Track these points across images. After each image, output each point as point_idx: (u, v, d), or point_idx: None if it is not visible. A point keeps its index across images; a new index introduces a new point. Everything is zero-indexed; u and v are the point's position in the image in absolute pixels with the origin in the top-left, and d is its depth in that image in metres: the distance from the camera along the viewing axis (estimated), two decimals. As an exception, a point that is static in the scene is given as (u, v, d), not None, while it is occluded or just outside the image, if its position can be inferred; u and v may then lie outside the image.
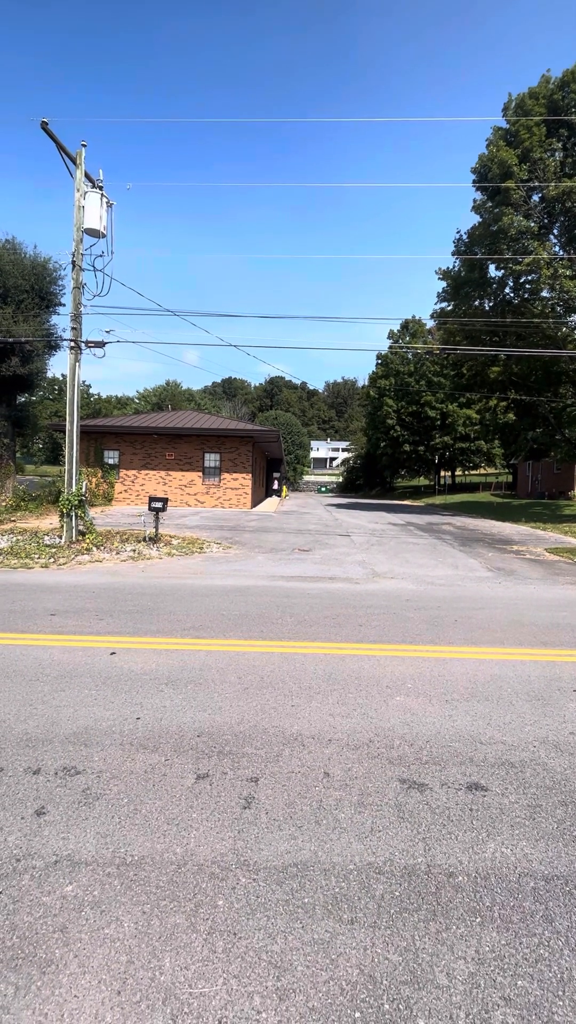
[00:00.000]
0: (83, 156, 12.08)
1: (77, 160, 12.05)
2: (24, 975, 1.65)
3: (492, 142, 21.24)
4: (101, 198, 12.08)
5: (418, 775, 2.85)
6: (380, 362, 54.18)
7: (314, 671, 4.33)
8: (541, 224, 20.60)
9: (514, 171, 19.58)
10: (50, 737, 3.16)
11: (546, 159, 19.45)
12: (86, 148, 12.16)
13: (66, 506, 11.67)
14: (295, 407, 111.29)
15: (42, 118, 11.20)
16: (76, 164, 12.06)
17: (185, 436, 24.42)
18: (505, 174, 19.81)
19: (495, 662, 4.70)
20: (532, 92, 20.28)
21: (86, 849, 2.22)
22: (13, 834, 2.30)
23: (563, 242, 20.68)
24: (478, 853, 2.26)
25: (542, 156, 19.42)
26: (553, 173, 19.44)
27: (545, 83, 20.35)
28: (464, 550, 12.76)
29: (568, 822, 2.49)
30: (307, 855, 2.22)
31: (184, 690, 3.89)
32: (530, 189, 20.05)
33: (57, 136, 11.62)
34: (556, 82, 20.09)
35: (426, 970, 1.71)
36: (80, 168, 12.06)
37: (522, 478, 41.13)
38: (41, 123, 11.23)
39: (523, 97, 20.44)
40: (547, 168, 19.41)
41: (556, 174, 19.51)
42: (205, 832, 2.35)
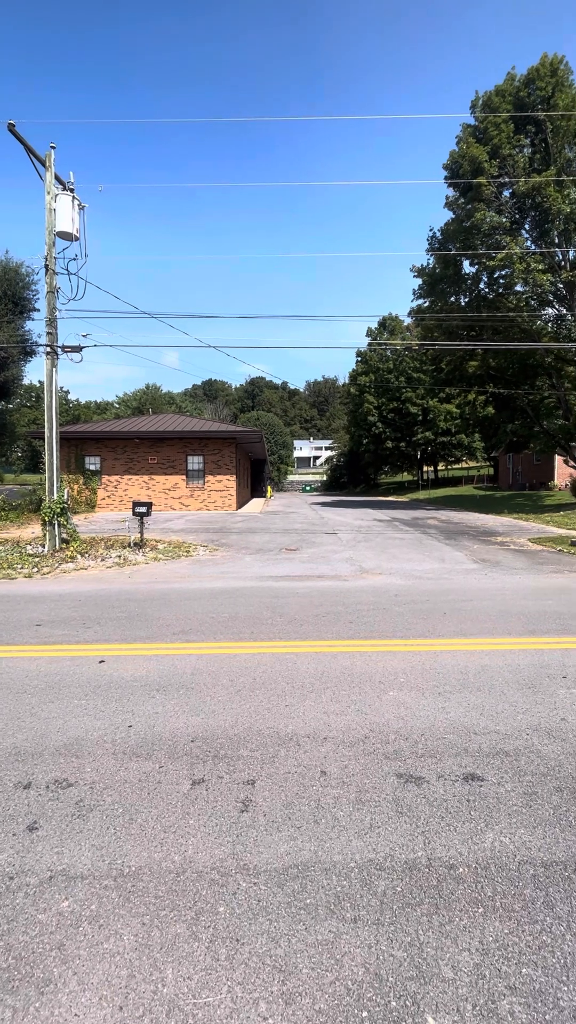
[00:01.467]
0: (52, 158, 11.89)
1: (46, 162, 11.86)
2: (22, 996, 1.60)
3: (462, 139, 21.49)
4: (72, 200, 11.90)
5: (414, 769, 2.85)
6: (360, 359, 54.44)
7: (306, 670, 4.32)
8: (513, 219, 20.89)
9: (484, 167, 19.82)
10: (40, 750, 3.09)
11: (515, 155, 19.73)
12: (55, 150, 11.98)
13: (48, 514, 11.48)
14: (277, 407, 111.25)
15: (9, 120, 10.99)
16: (46, 166, 11.87)
17: (167, 439, 24.23)
18: (476, 170, 20.05)
19: (485, 652, 4.74)
20: (499, 89, 20.56)
21: (81, 863, 2.17)
22: (5, 851, 2.23)
23: (535, 236, 21.00)
24: (477, 844, 2.27)
25: (511, 152, 19.70)
26: (522, 169, 19.74)
27: (511, 80, 20.65)
28: (450, 543, 12.88)
29: (564, 808, 2.51)
30: (307, 855, 2.20)
31: (176, 695, 3.84)
32: (501, 185, 20.34)
33: (25, 138, 11.43)
34: (521, 79, 20.39)
35: (431, 964, 1.70)
36: (50, 170, 11.87)
37: (503, 470, 41.72)
38: (8, 125, 11.02)
39: (490, 95, 20.72)
40: (516, 164, 19.70)
41: (525, 170, 19.81)
42: (203, 838, 2.31)
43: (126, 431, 24.10)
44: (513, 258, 19.20)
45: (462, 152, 20.79)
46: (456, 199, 21.98)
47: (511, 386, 23.61)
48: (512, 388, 23.52)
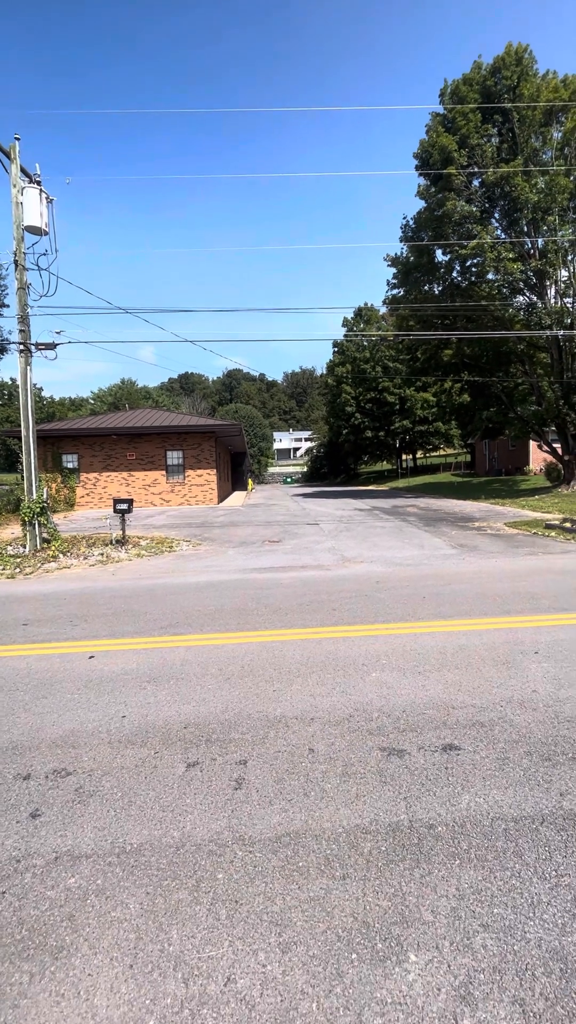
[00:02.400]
0: (17, 150, 11.63)
1: (11, 154, 11.60)
2: (37, 963, 1.73)
3: (432, 128, 21.59)
4: (40, 193, 11.69)
5: (397, 742, 3.03)
6: (337, 350, 54.56)
7: (292, 656, 4.48)
8: (483, 208, 21.14)
9: (454, 157, 19.98)
10: (36, 743, 3.18)
11: (483, 145, 19.94)
12: (19, 141, 11.71)
13: (28, 514, 11.38)
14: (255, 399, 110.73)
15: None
16: (10, 158, 11.61)
17: (146, 435, 24.04)
18: (446, 160, 20.21)
19: (463, 633, 4.97)
20: (466, 78, 20.69)
21: (85, 843, 2.29)
22: (10, 838, 2.34)
23: (504, 225, 21.31)
24: (455, 805, 2.46)
25: (479, 142, 19.89)
26: (491, 158, 19.96)
27: (477, 69, 20.79)
28: (429, 530, 13.18)
29: (532, 769, 2.72)
30: (298, 825, 2.36)
31: (167, 686, 3.96)
32: (471, 174, 20.54)
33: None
34: (488, 68, 20.55)
35: (413, 910, 1.88)
36: (15, 162, 11.62)
37: (480, 457, 42.46)
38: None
39: (458, 83, 20.84)
40: (485, 154, 19.91)
41: (494, 159, 20.03)
42: (200, 815, 2.45)
43: (103, 428, 23.83)
44: (484, 247, 19.47)
45: (432, 141, 20.91)
46: (427, 188, 22.12)
47: (486, 374, 24.02)
48: (487, 376, 23.94)
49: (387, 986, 1.61)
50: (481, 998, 1.56)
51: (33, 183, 11.66)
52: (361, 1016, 1.52)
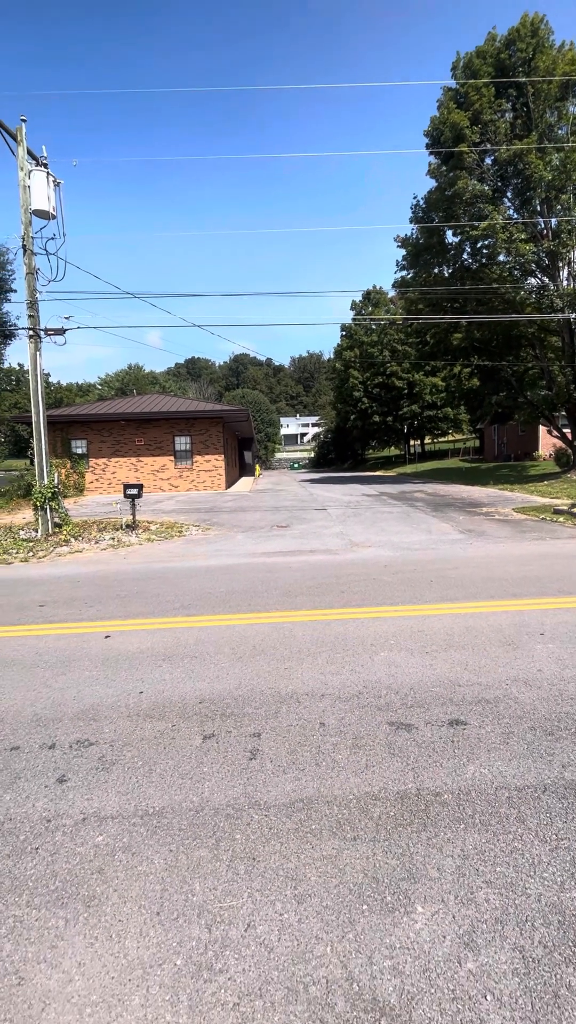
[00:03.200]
0: (24, 132, 11.55)
1: (18, 136, 11.52)
2: (71, 910, 1.87)
3: (443, 104, 21.05)
4: (47, 176, 11.62)
5: (405, 717, 3.15)
6: (345, 334, 53.97)
7: (302, 637, 4.59)
8: (495, 187, 20.70)
9: (466, 134, 19.51)
10: (59, 716, 3.33)
11: (496, 121, 19.44)
12: (26, 123, 11.62)
13: (40, 499, 11.55)
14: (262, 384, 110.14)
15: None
16: (17, 141, 11.54)
17: (154, 420, 24.10)
18: (457, 137, 19.74)
19: (470, 615, 5.06)
20: (479, 51, 20.10)
21: (110, 806, 2.43)
22: (40, 800, 2.49)
23: (517, 205, 20.87)
24: (460, 775, 2.57)
25: (492, 118, 19.39)
26: (504, 135, 19.48)
27: (492, 41, 20.17)
28: (436, 515, 13.21)
29: (536, 743, 2.82)
30: (311, 792, 2.49)
31: (182, 664, 4.09)
32: (483, 152, 20.07)
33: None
34: (502, 40, 19.93)
35: (420, 868, 2.00)
36: (21, 145, 11.54)
37: (489, 442, 42.12)
38: (-24, 98, 10.65)
39: (471, 56, 20.25)
40: (498, 130, 19.42)
41: (507, 136, 19.55)
42: (217, 782, 2.58)
43: (112, 413, 23.91)
44: (496, 228, 19.10)
45: (443, 118, 20.40)
46: (438, 167, 21.66)
47: (495, 358, 23.75)
48: (496, 360, 23.67)
49: (396, 933, 1.73)
50: (484, 944, 1.68)
51: (40, 166, 11.59)
52: (372, 959, 1.65)
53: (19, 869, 2.07)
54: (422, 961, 1.63)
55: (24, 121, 11.57)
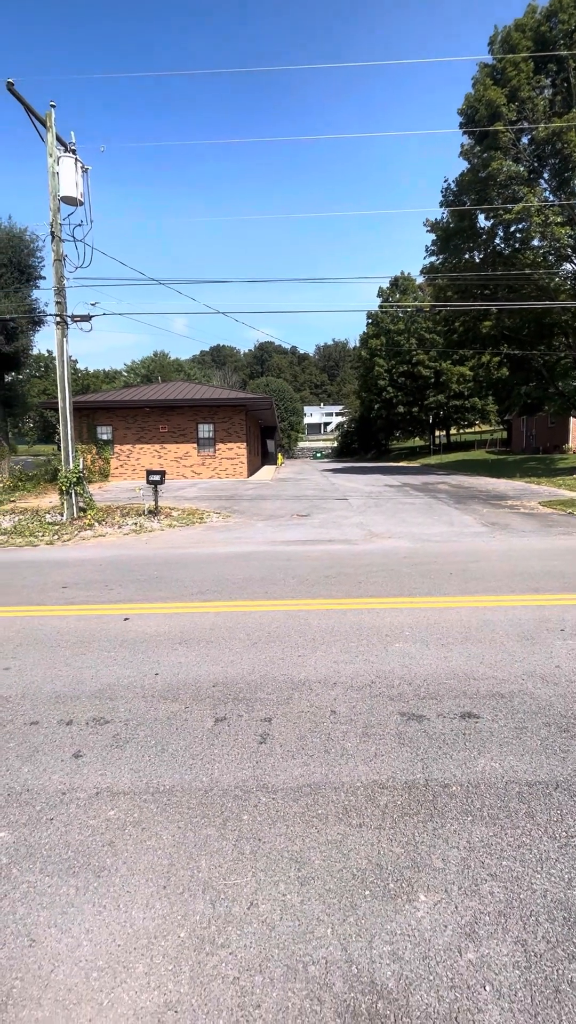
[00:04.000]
0: (53, 118, 11.61)
1: (47, 123, 11.59)
2: (82, 879, 1.94)
3: (478, 80, 20.30)
4: (75, 163, 11.69)
5: (416, 709, 3.13)
6: (371, 321, 53.08)
7: (317, 625, 4.60)
8: (531, 168, 19.93)
9: (502, 112, 18.81)
10: (77, 694, 3.42)
11: (535, 98, 18.66)
12: (55, 109, 11.67)
13: (65, 484, 11.80)
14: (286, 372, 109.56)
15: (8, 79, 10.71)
16: (47, 127, 11.61)
17: (178, 408, 24.26)
18: (493, 115, 19.04)
19: (488, 608, 4.98)
20: (518, 24, 19.25)
21: (122, 782, 2.50)
22: (56, 773, 2.57)
23: (554, 187, 20.07)
24: (470, 768, 2.55)
25: (530, 95, 18.62)
26: (543, 113, 18.69)
27: (531, 13, 19.29)
28: (459, 507, 13.00)
29: (551, 740, 2.78)
30: (319, 778, 2.50)
31: (197, 648, 4.15)
32: (519, 131, 19.32)
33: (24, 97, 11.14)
34: (543, 12, 19.04)
35: (424, 858, 2.00)
36: (51, 131, 11.61)
37: (517, 434, 41.09)
38: (7, 84, 10.74)
39: (509, 30, 19.42)
40: (536, 107, 18.65)
41: (545, 114, 18.76)
42: (227, 764, 2.63)
43: (137, 400, 24.16)
44: (530, 211, 18.43)
45: (478, 95, 19.68)
46: (471, 147, 20.95)
47: (526, 346, 23.04)
48: (527, 349, 22.97)
49: (397, 920, 1.74)
50: (485, 936, 1.68)
51: (68, 152, 11.65)
52: (372, 943, 1.66)
53: (34, 838, 2.14)
54: (422, 948, 1.64)
55: (53, 107, 11.62)
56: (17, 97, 11.05)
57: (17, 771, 2.60)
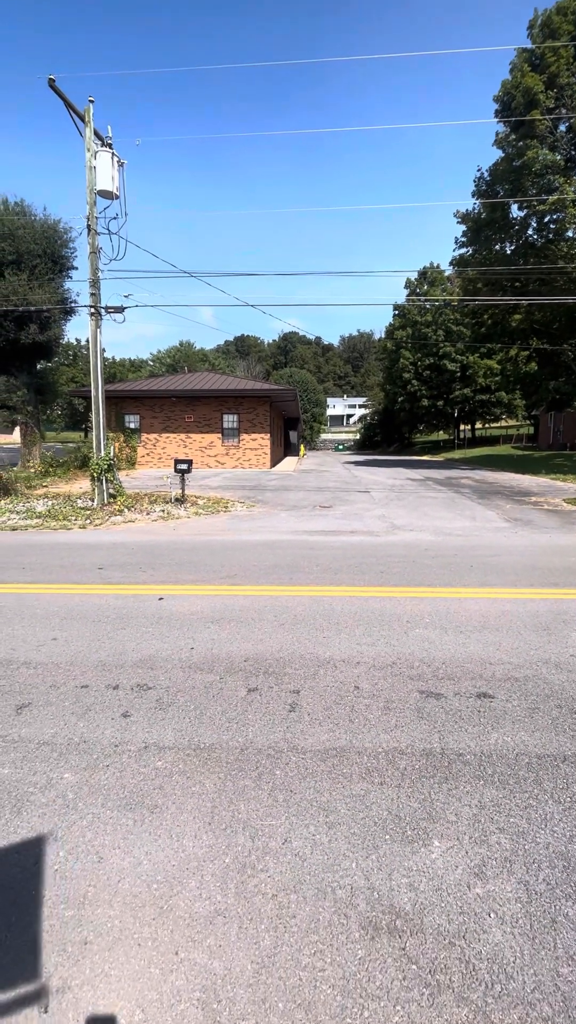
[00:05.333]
0: (91, 113, 11.89)
1: (86, 117, 11.87)
2: (138, 814, 2.23)
3: (516, 66, 19.83)
4: (112, 157, 11.95)
5: (435, 688, 3.35)
6: (397, 313, 52.48)
7: (341, 610, 4.84)
8: (568, 157, 19.46)
9: (539, 99, 18.37)
10: (120, 663, 3.74)
11: (574, 84, 18.16)
12: (94, 104, 11.94)
13: (97, 470, 12.23)
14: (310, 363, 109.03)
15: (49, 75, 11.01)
16: (85, 122, 11.89)
17: (203, 398, 24.60)
18: (530, 103, 18.62)
19: (507, 600, 5.14)
20: (559, 7, 18.71)
21: (167, 739, 2.79)
22: (108, 729, 2.88)
23: (591, 176, 19.54)
24: (484, 740, 2.77)
25: (570, 81, 18.15)
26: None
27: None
28: (482, 502, 13.02)
29: (561, 719, 2.97)
30: (344, 743, 2.75)
31: (228, 627, 4.44)
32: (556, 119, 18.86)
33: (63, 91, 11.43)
34: (587, -7, 18.44)
35: (439, 811, 2.23)
36: (89, 126, 11.89)
37: (544, 429, 40.34)
38: (48, 80, 11.06)
39: (549, 13, 18.88)
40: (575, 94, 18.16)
41: (585, 100, 18.25)
42: (259, 728, 2.90)
43: (163, 390, 24.58)
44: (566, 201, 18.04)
45: (515, 82, 19.26)
46: (506, 136, 20.53)
47: (557, 340, 22.62)
48: (557, 343, 22.55)
49: (414, 859, 1.98)
50: (492, 876, 1.91)
51: (105, 146, 11.92)
52: (391, 876, 1.91)
53: (94, 780, 2.45)
54: (435, 882, 1.88)
55: (92, 102, 11.89)
56: (58, 93, 11.35)
57: (74, 726, 2.91)
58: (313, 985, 1.53)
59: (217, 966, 1.59)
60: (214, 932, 1.70)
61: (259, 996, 1.50)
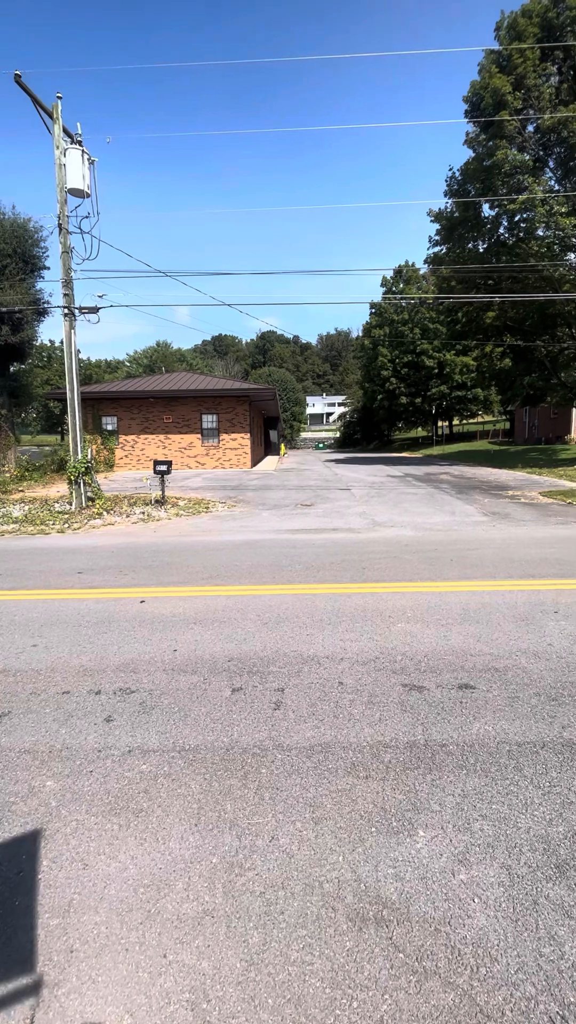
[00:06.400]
0: (60, 110, 11.68)
1: (54, 114, 11.66)
2: (123, 818, 2.21)
3: (484, 67, 20.13)
4: (82, 155, 11.76)
5: (417, 680, 3.39)
6: (374, 311, 52.93)
7: (324, 607, 4.86)
8: (536, 157, 19.83)
9: (507, 100, 18.69)
10: (102, 668, 3.69)
11: (540, 86, 18.54)
12: (62, 100, 11.74)
13: (74, 473, 12.04)
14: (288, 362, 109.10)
15: (15, 70, 10.78)
16: (53, 119, 11.68)
17: (181, 398, 24.41)
18: (498, 104, 18.92)
19: (486, 592, 5.23)
20: (525, 10, 19.06)
21: (151, 742, 2.77)
22: (91, 735, 2.84)
23: (559, 176, 20.00)
24: (466, 731, 2.81)
25: (536, 82, 18.50)
26: (548, 101, 18.58)
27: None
28: (461, 497, 13.22)
29: (540, 707, 3.04)
30: (328, 738, 2.77)
31: (211, 627, 4.42)
32: (525, 120, 19.21)
33: (30, 87, 11.21)
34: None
35: (423, 802, 2.26)
36: (57, 123, 11.69)
37: (519, 424, 41.13)
38: (15, 76, 10.82)
39: (515, 16, 19.23)
40: (542, 96, 18.54)
41: (551, 102, 18.64)
42: (244, 727, 2.89)
43: (141, 391, 24.31)
44: (535, 200, 18.39)
45: (484, 83, 19.55)
46: (476, 136, 20.84)
47: (529, 337, 23.09)
48: (530, 339, 23.01)
49: (399, 850, 2.01)
50: (475, 862, 1.94)
51: (75, 144, 11.74)
52: (378, 867, 1.93)
53: (78, 786, 2.42)
54: (420, 871, 1.91)
55: (60, 98, 11.69)
56: (24, 89, 11.13)
57: (56, 732, 2.87)
58: (302, 979, 1.54)
59: (206, 966, 1.59)
60: (202, 932, 1.69)
61: (248, 994, 1.50)
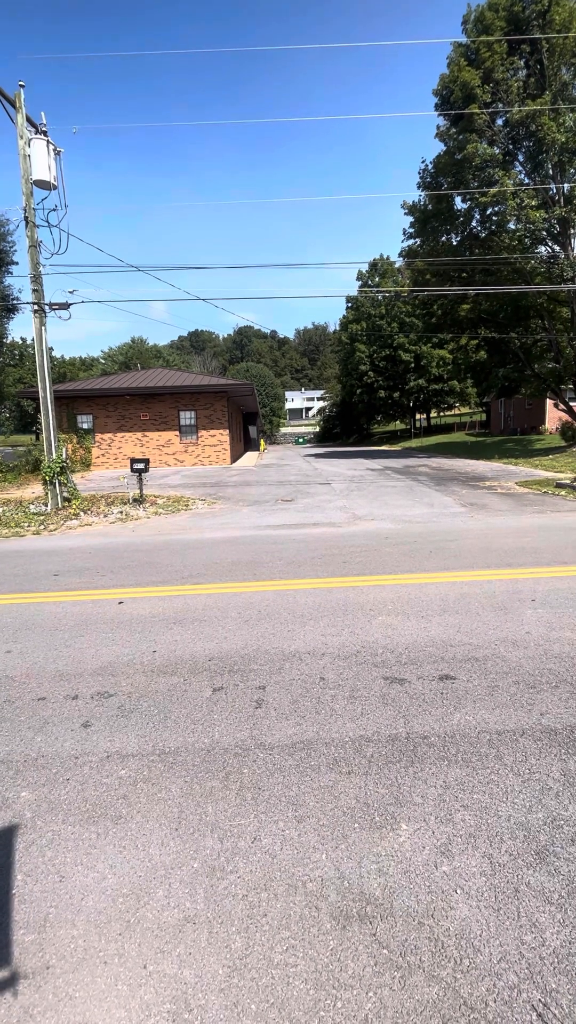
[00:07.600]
0: (22, 98, 11.33)
1: (16, 103, 11.30)
2: (101, 827, 2.15)
3: (453, 60, 20.20)
4: (47, 145, 11.44)
5: (399, 673, 3.40)
6: (351, 305, 52.99)
7: (305, 603, 4.84)
8: (506, 151, 20.03)
9: (476, 94, 18.80)
10: (80, 672, 3.61)
11: (509, 80, 18.69)
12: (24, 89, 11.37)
13: (49, 474, 11.78)
14: (266, 357, 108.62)
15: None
16: (16, 108, 11.32)
17: (159, 395, 24.09)
18: (467, 97, 19.02)
19: (465, 583, 5.28)
20: (491, 4, 19.15)
21: (130, 746, 2.71)
22: (68, 741, 2.77)
23: (528, 169, 20.22)
24: (447, 722, 2.83)
25: (504, 76, 18.64)
26: (516, 95, 18.75)
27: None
28: (439, 489, 13.35)
29: (519, 695, 3.07)
30: (311, 735, 2.75)
31: (191, 627, 4.36)
32: (494, 113, 19.36)
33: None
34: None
35: (406, 795, 2.26)
36: (20, 112, 11.33)
37: (495, 416, 41.76)
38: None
39: (482, 9, 19.31)
40: (510, 89, 18.70)
41: (519, 96, 18.82)
42: (226, 727, 2.86)
43: (117, 388, 23.90)
44: (506, 194, 18.58)
45: (453, 76, 19.62)
46: (447, 129, 20.92)
47: (503, 329, 23.37)
48: (504, 331, 23.30)
49: (383, 844, 2.00)
50: (457, 853, 1.95)
51: (40, 134, 11.40)
52: (361, 863, 1.92)
53: (54, 795, 2.35)
54: (404, 865, 1.90)
55: (22, 87, 11.33)
56: (-16, 76, 10.73)
57: (31, 740, 2.79)
58: (286, 982, 1.52)
59: (188, 975, 1.55)
60: (183, 940, 1.66)
61: (231, 1000, 1.48)
